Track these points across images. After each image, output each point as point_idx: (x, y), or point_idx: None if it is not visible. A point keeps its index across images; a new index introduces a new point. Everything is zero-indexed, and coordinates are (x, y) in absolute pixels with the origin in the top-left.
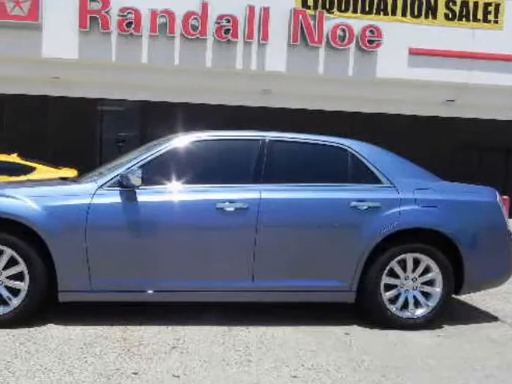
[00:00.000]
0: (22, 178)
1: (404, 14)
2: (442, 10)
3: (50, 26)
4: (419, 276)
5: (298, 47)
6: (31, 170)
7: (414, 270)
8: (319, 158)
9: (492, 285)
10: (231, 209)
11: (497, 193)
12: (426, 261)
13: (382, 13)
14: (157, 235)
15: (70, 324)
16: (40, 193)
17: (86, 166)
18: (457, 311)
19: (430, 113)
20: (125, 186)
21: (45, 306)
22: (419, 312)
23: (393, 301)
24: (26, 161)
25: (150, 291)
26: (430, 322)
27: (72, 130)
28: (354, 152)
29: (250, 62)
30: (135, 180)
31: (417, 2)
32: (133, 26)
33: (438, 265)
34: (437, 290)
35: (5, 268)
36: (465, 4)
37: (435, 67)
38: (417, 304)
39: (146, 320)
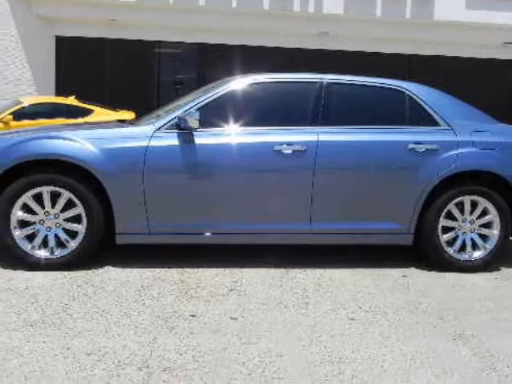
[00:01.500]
0: (80, 120)
1: None
2: None
3: None
4: (477, 218)
5: None
6: (89, 112)
7: (471, 213)
8: (377, 101)
9: None
10: (289, 151)
11: None
12: (483, 203)
13: None
14: (214, 177)
15: (128, 266)
16: (98, 135)
17: (143, 108)
18: None
19: (487, 55)
20: (182, 129)
21: (102, 248)
22: (477, 254)
23: (450, 243)
24: (84, 103)
25: (208, 233)
26: (487, 265)
27: (129, 73)
28: (411, 94)
29: (307, 4)
30: (193, 122)
31: None
32: None
33: (496, 207)
34: (494, 232)
35: (63, 210)
36: None
37: (493, 9)
38: (474, 246)
39: (204, 262)
